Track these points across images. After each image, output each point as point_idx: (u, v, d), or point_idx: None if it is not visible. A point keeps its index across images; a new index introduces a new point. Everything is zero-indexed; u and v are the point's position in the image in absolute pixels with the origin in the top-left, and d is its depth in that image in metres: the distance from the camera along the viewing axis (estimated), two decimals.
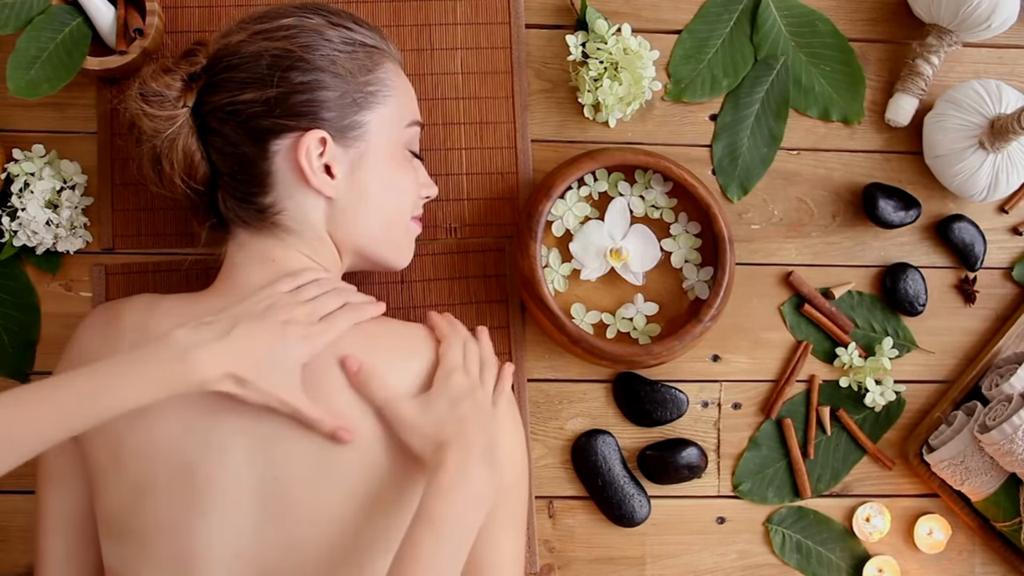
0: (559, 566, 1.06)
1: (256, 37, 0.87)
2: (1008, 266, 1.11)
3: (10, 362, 1.03)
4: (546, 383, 1.07)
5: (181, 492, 0.80)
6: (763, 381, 1.09)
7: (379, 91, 0.89)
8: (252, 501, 0.80)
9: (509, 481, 0.89)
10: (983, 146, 1.02)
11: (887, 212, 1.06)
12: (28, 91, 0.93)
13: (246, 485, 0.80)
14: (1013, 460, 0.98)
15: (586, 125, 1.08)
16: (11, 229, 0.99)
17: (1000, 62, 1.12)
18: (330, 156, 0.86)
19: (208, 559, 0.79)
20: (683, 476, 1.06)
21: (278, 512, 0.80)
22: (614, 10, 1.08)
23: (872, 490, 1.09)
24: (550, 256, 1.05)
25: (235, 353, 0.77)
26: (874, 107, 1.10)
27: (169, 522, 0.80)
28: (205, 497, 0.80)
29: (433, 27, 1.07)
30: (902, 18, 1.11)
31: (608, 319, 1.05)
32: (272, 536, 0.80)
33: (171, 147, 0.87)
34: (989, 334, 1.10)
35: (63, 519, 0.88)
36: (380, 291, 1.05)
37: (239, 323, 0.79)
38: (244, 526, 0.80)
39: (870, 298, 1.09)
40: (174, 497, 0.80)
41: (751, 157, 1.09)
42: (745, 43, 1.09)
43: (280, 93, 0.85)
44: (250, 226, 0.88)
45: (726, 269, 1.01)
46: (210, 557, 0.79)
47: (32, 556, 0.91)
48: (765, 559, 1.08)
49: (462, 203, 1.07)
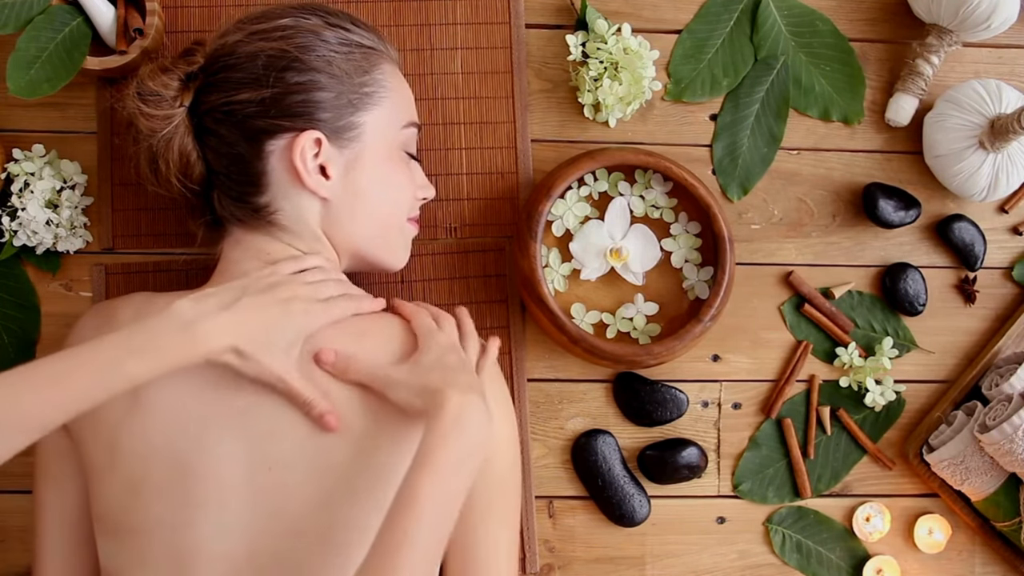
0: (559, 566, 1.06)
1: (253, 37, 0.87)
2: (1008, 266, 1.11)
3: (10, 362, 1.03)
4: (546, 383, 1.07)
5: (175, 488, 0.80)
6: (763, 381, 1.09)
7: (375, 92, 0.89)
8: (246, 496, 0.80)
9: (501, 470, 0.89)
10: (983, 146, 1.02)
11: (887, 212, 1.06)
12: (28, 91, 0.93)
13: (239, 480, 0.80)
14: (1013, 460, 0.98)
15: (586, 125, 1.08)
16: (11, 229, 0.99)
17: (1000, 62, 1.12)
18: (325, 157, 0.86)
19: (203, 555, 0.79)
20: (683, 476, 1.06)
21: (272, 506, 0.80)
22: (614, 10, 1.09)
23: (872, 490, 1.09)
24: (550, 256, 1.05)
25: (238, 325, 0.78)
26: (874, 107, 1.10)
27: (164, 519, 0.80)
28: (199, 493, 0.80)
29: (433, 27, 1.07)
30: (902, 18, 1.11)
31: (608, 319, 1.05)
32: (266, 530, 0.80)
33: (167, 147, 0.87)
34: (989, 334, 1.10)
35: (61, 519, 0.89)
36: (380, 291, 1.05)
37: (243, 296, 0.79)
38: (238, 521, 0.80)
39: (870, 298, 1.09)
40: (168, 494, 0.80)
41: (751, 157, 1.09)
42: (745, 43, 1.09)
43: (276, 93, 0.85)
44: (246, 224, 0.88)
45: (726, 269, 1.01)
46: (205, 553, 0.79)
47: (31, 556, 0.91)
48: (765, 559, 1.08)
49: (462, 203, 1.07)
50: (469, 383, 0.80)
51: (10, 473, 1.02)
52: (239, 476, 0.80)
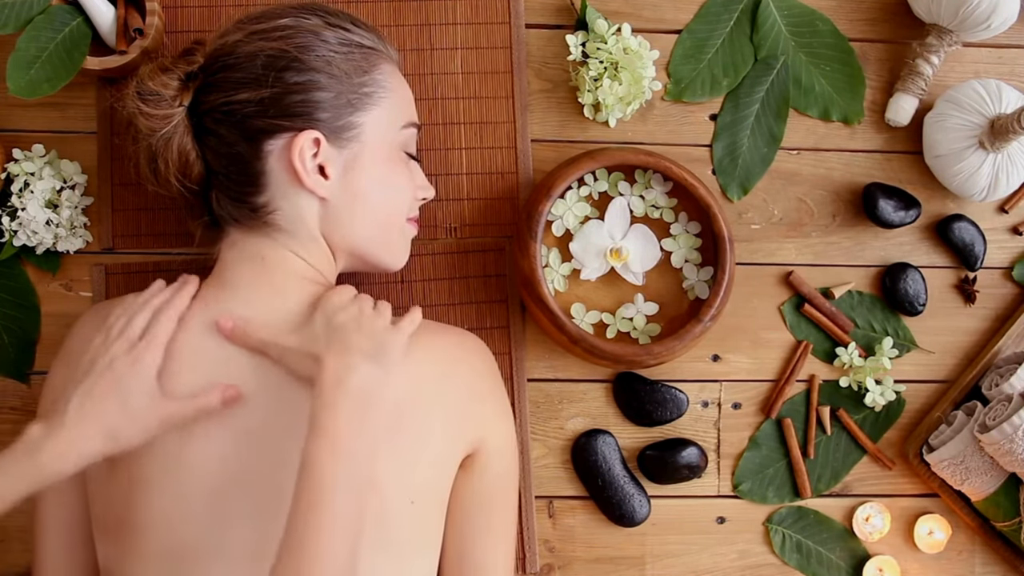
0: (559, 566, 1.06)
1: (253, 37, 0.87)
2: (1008, 266, 1.11)
3: (10, 362, 1.03)
4: (546, 383, 1.07)
5: (171, 486, 0.80)
6: (763, 381, 1.09)
7: (375, 92, 0.89)
8: (241, 492, 0.80)
9: (498, 471, 0.89)
10: (983, 146, 1.02)
11: (887, 212, 1.06)
12: (28, 91, 0.93)
13: (231, 476, 0.80)
14: (1013, 460, 0.98)
15: (586, 125, 1.08)
16: (11, 229, 0.99)
17: (1000, 62, 1.12)
18: (324, 157, 0.86)
19: (201, 552, 0.79)
20: (683, 476, 1.06)
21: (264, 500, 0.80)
22: (614, 10, 1.08)
23: (872, 490, 1.09)
24: (550, 256, 1.05)
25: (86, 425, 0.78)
26: (874, 107, 1.10)
27: (160, 516, 0.80)
28: (193, 490, 0.80)
29: (433, 27, 1.07)
30: (902, 18, 1.11)
31: (608, 319, 1.05)
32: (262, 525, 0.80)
33: (167, 146, 0.87)
34: (989, 334, 1.10)
35: (60, 520, 0.89)
36: (380, 291, 1.05)
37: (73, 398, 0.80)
38: (235, 517, 0.80)
39: (870, 298, 1.09)
40: (164, 491, 0.80)
41: (751, 157, 1.09)
42: (745, 43, 1.09)
43: (275, 93, 0.85)
44: (242, 225, 0.88)
45: (726, 269, 1.01)
46: (203, 550, 0.79)
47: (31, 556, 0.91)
48: (765, 559, 1.08)
49: (462, 203, 1.07)
50: (359, 339, 0.79)
51: None
52: (230, 472, 0.80)
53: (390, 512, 0.82)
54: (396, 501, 0.82)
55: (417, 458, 0.84)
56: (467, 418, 0.88)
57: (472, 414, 0.88)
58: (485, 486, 0.89)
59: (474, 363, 0.90)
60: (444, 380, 0.86)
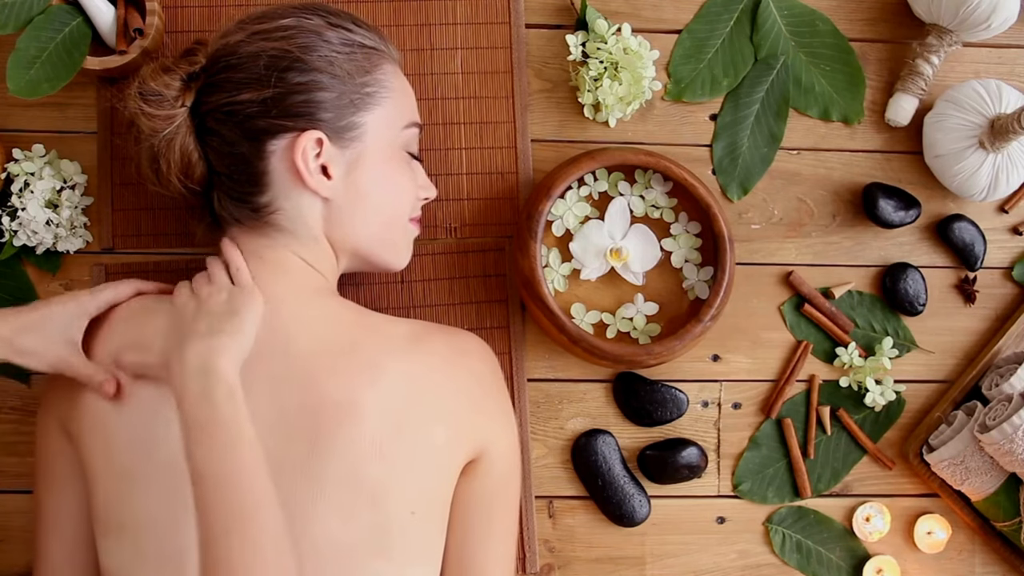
0: (559, 566, 1.06)
1: (255, 37, 0.87)
2: (1008, 266, 1.11)
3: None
4: (546, 383, 1.07)
5: (167, 485, 0.80)
6: (763, 381, 1.09)
7: (377, 92, 0.89)
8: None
9: (500, 474, 0.89)
10: (983, 146, 1.02)
11: (887, 212, 1.06)
12: (28, 91, 0.93)
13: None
14: (1013, 460, 0.98)
15: (586, 125, 1.08)
16: (11, 229, 0.99)
17: (1000, 62, 1.12)
18: (326, 157, 0.86)
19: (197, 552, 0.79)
20: (683, 476, 1.06)
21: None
22: (614, 10, 1.09)
23: (872, 490, 1.09)
24: (550, 256, 1.05)
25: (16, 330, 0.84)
26: (874, 107, 1.10)
27: (158, 514, 0.80)
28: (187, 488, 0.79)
29: (433, 27, 1.07)
30: (902, 18, 1.11)
31: (608, 319, 1.05)
32: None
33: (169, 147, 0.87)
34: (989, 334, 1.10)
35: (61, 520, 0.89)
36: (380, 291, 1.05)
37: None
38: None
39: (870, 298, 1.09)
40: (160, 490, 0.80)
41: (751, 157, 1.09)
42: (745, 43, 1.09)
43: (277, 93, 0.85)
44: (243, 225, 0.88)
45: (726, 269, 1.01)
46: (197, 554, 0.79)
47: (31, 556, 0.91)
48: (765, 559, 1.08)
49: (462, 203, 1.07)
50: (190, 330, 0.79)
51: (10, 473, 1.02)
52: None
53: (391, 522, 0.81)
54: (396, 511, 0.81)
55: (417, 467, 0.82)
56: (469, 425, 0.86)
57: (473, 421, 0.87)
58: (487, 489, 0.88)
59: (475, 366, 0.89)
60: (444, 385, 0.85)
